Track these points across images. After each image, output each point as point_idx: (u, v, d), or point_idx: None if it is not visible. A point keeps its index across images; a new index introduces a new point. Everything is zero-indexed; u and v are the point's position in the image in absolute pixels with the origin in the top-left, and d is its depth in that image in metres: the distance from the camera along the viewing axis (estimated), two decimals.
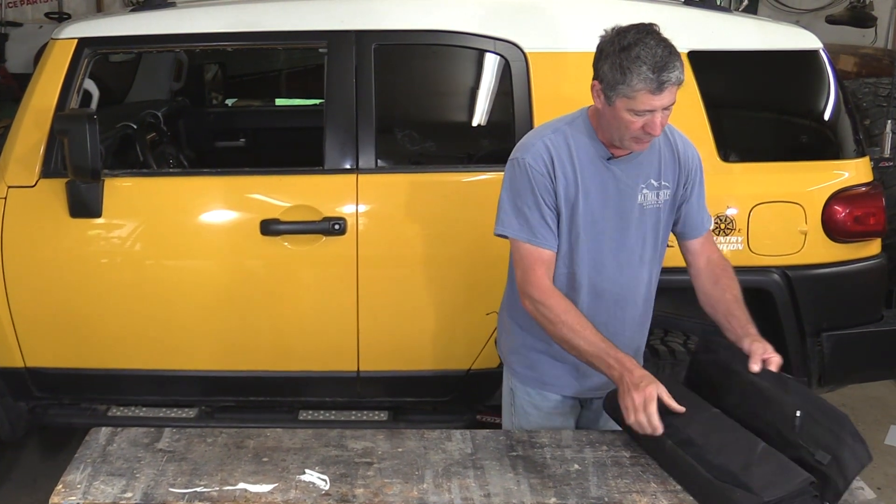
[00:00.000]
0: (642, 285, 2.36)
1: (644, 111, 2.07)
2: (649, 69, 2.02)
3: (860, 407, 4.39)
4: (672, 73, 2.03)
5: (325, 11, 3.11)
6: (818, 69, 3.18)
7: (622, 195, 2.26)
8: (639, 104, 2.06)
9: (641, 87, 2.04)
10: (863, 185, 3.09)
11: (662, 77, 2.02)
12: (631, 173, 2.26)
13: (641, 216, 2.29)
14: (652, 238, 2.33)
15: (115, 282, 3.06)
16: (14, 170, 3.04)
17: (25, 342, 3.11)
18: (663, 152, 2.30)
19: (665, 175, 2.30)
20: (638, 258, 2.32)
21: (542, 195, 2.21)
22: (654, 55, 2.03)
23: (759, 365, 2.09)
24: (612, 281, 2.31)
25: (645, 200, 2.28)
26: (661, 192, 2.30)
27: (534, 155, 2.22)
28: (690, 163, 2.34)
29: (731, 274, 2.36)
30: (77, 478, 1.99)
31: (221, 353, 3.15)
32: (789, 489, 1.81)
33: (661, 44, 2.05)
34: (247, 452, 2.11)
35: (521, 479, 2.00)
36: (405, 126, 3.28)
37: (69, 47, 3.07)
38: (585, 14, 3.14)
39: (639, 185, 2.26)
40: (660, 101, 2.06)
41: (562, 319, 2.17)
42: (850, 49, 7.09)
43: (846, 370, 3.23)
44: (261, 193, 3.05)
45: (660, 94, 2.05)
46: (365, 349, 3.11)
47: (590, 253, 2.27)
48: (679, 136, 2.36)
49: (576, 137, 2.24)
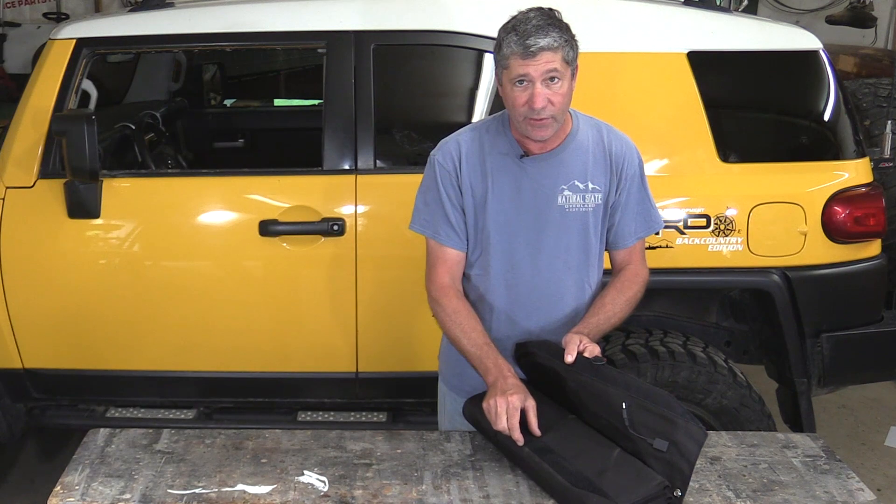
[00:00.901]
0: (568, 289, 2.27)
1: (519, 78, 2.05)
2: (517, 35, 2.04)
3: (860, 408, 4.39)
4: (541, 38, 2.02)
5: (324, 12, 3.11)
6: (818, 70, 3.17)
7: (537, 196, 2.20)
8: (512, 71, 2.06)
9: (510, 53, 2.05)
10: (863, 186, 3.09)
11: (528, 42, 2.02)
12: (549, 173, 2.19)
13: (563, 219, 2.21)
14: (580, 243, 2.24)
15: (113, 283, 3.05)
16: (12, 170, 3.03)
17: (24, 343, 3.10)
18: (594, 153, 2.22)
19: (594, 177, 2.21)
20: (562, 263, 2.24)
21: (447, 193, 2.22)
22: (526, 23, 2.04)
23: (573, 356, 2.02)
24: (528, 284, 2.25)
25: (567, 203, 2.20)
26: (589, 196, 2.21)
27: (444, 153, 2.24)
28: (624, 165, 2.24)
29: (630, 282, 2.27)
30: (75, 479, 1.99)
31: (220, 354, 3.15)
32: (644, 494, 1.82)
33: (540, 15, 2.05)
34: (245, 454, 2.10)
35: (520, 480, 2.00)
36: (404, 127, 3.28)
37: (67, 48, 3.06)
38: (585, 14, 3.12)
39: (559, 186, 2.19)
40: (533, 69, 2.03)
41: (452, 319, 2.20)
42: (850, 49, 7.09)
43: (846, 371, 3.22)
44: (259, 194, 3.05)
45: (531, 60, 2.02)
46: (364, 350, 3.11)
47: (504, 254, 2.23)
48: (616, 137, 2.26)
49: (492, 136, 2.23)
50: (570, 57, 2.07)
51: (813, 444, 2.20)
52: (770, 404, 3.15)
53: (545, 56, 2.03)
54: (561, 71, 2.06)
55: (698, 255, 3.01)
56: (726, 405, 3.02)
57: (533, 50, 2.02)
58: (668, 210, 3.00)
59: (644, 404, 1.92)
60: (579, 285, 2.28)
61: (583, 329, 2.15)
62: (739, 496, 1.96)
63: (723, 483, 2.01)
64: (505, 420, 1.98)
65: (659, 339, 3.10)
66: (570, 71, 2.09)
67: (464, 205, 2.23)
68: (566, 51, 2.06)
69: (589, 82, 3.05)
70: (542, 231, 2.21)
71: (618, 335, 3.09)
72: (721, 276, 3.07)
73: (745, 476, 2.04)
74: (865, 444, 4.08)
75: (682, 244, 2.99)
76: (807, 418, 3.13)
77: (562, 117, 2.13)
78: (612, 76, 3.07)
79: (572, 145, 2.20)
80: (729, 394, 3.01)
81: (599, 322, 2.20)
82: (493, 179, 2.20)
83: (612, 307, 2.24)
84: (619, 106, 3.05)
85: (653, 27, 3.15)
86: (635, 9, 3.18)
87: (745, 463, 2.10)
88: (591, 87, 3.01)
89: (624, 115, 3.06)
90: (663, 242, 2.99)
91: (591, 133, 2.24)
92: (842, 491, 1.99)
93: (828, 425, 4.13)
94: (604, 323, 2.21)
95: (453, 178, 2.22)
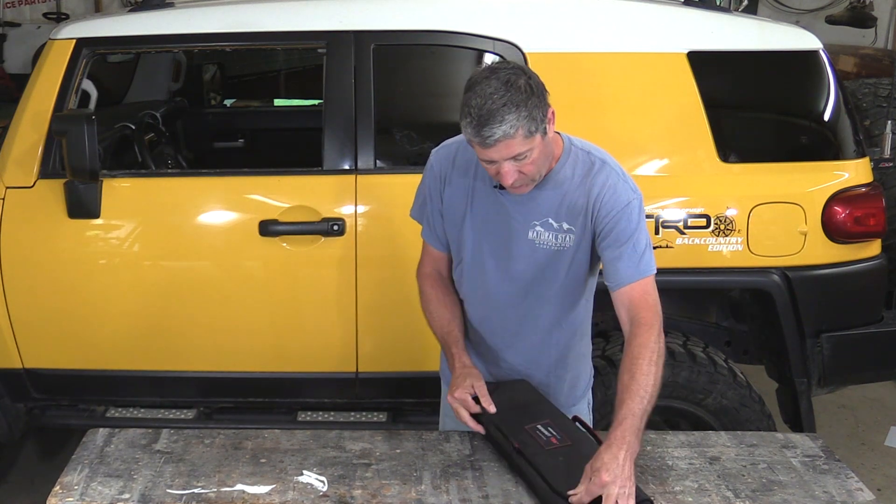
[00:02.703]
0: (542, 321, 2.22)
1: (484, 159, 1.95)
2: (472, 121, 1.88)
3: (860, 408, 4.39)
4: (496, 127, 1.85)
5: (324, 12, 3.11)
6: (818, 69, 3.17)
7: (509, 227, 2.14)
8: (478, 153, 1.96)
9: (469, 137, 1.92)
10: (863, 186, 3.09)
11: (484, 132, 1.86)
12: (521, 208, 2.12)
13: (533, 253, 2.14)
14: (554, 277, 2.16)
15: (113, 283, 3.05)
16: (12, 170, 3.03)
17: (23, 343, 3.10)
18: (573, 193, 2.09)
19: (569, 218, 2.10)
20: (535, 295, 2.18)
21: (430, 194, 2.25)
22: (481, 105, 1.86)
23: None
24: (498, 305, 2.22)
25: (538, 238, 2.12)
26: (562, 236, 2.11)
27: (440, 157, 2.23)
28: (602, 210, 2.07)
29: (636, 358, 1.97)
30: (74, 479, 1.99)
31: (220, 354, 3.15)
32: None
33: (501, 90, 1.86)
34: (245, 453, 2.10)
35: (519, 480, 2.00)
36: (404, 126, 3.28)
37: (67, 48, 3.06)
38: (585, 15, 3.13)
39: (530, 221, 2.12)
40: (496, 154, 1.90)
41: (424, 304, 2.31)
42: (850, 49, 7.09)
43: (846, 371, 3.22)
44: (259, 194, 3.05)
45: (491, 149, 1.90)
46: (363, 350, 3.11)
47: (476, 271, 2.21)
48: (602, 178, 2.08)
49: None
50: (534, 128, 1.90)
51: (812, 444, 2.20)
52: (770, 404, 3.15)
53: (502, 144, 1.89)
54: (524, 149, 1.92)
55: (698, 255, 3.01)
56: (726, 405, 3.02)
57: (489, 142, 1.88)
58: (668, 210, 3.00)
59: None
60: (555, 320, 2.23)
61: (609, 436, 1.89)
62: (738, 496, 1.96)
63: (722, 483, 2.01)
64: (454, 399, 2.11)
65: None
66: (538, 138, 1.93)
67: (443, 211, 2.24)
68: (527, 128, 1.89)
69: (589, 82, 3.07)
70: (511, 260, 2.18)
71: (618, 335, 3.09)
72: (721, 276, 3.07)
73: (744, 476, 2.04)
74: (865, 444, 4.08)
75: (682, 244, 2.99)
76: (807, 418, 3.13)
77: (540, 174, 2.04)
78: (612, 76, 3.07)
79: (551, 183, 2.10)
80: (729, 394, 3.02)
81: (634, 410, 1.91)
82: (473, 200, 2.17)
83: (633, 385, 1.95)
84: (618, 106, 3.05)
85: (653, 27, 3.15)
86: (635, 9, 3.18)
87: (745, 463, 2.10)
88: (591, 88, 3.02)
89: (624, 115, 3.07)
90: (663, 242, 2.98)
91: (578, 169, 2.11)
92: (841, 491, 1.99)
93: (828, 425, 4.13)
94: (638, 408, 1.92)
95: (439, 184, 2.22)
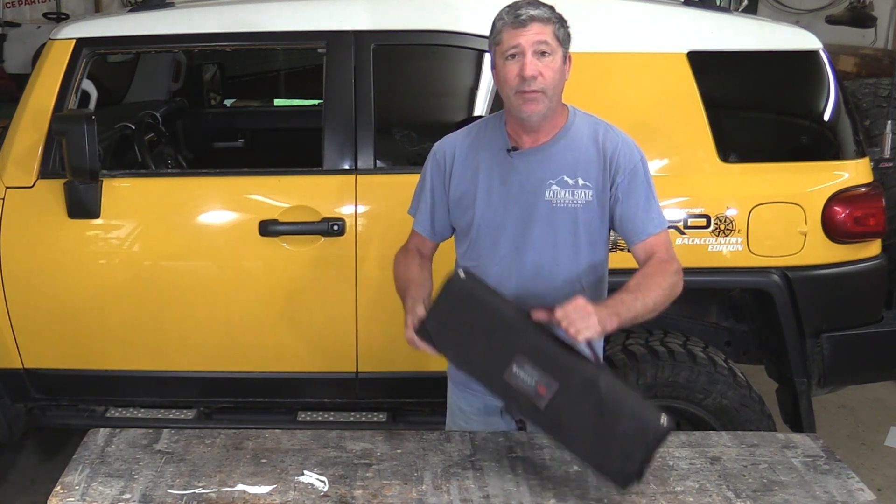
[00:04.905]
0: (556, 287, 2.20)
1: (511, 50, 2.08)
2: (507, 9, 2.12)
3: (860, 408, 4.39)
4: (532, 9, 2.09)
5: (324, 12, 3.11)
6: (818, 69, 3.17)
7: (524, 190, 2.19)
8: (505, 45, 2.10)
9: (501, 26, 2.11)
10: (863, 186, 3.09)
11: (520, 11, 2.08)
12: (536, 167, 2.18)
13: (551, 214, 2.18)
14: (568, 239, 2.20)
15: (113, 283, 3.05)
16: (12, 170, 3.03)
17: (23, 343, 3.10)
18: (586, 150, 2.19)
19: (585, 174, 2.17)
20: (549, 259, 2.21)
21: (432, 184, 2.32)
22: (519, 2, 2.13)
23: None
24: (514, 278, 2.22)
25: (555, 198, 2.17)
26: (579, 192, 2.17)
27: (441, 148, 2.32)
28: (620, 164, 2.18)
29: (654, 269, 2.14)
30: (75, 479, 1.99)
31: (220, 354, 3.15)
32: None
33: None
34: (245, 454, 2.10)
35: (520, 480, 2.00)
36: (404, 126, 3.28)
37: (67, 48, 3.06)
38: (585, 15, 3.12)
39: (546, 181, 2.17)
40: (524, 38, 2.07)
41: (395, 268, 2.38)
42: (850, 49, 7.10)
43: (846, 371, 3.22)
44: (259, 194, 3.05)
45: (522, 30, 2.07)
46: (364, 350, 3.11)
47: (490, 248, 2.24)
48: (612, 136, 2.21)
49: (489, 130, 2.27)
50: (561, 35, 2.11)
51: (813, 444, 2.20)
52: (770, 404, 3.15)
53: (535, 27, 2.07)
54: (552, 45, 2.09)
55: (698, 255, 3.01)
56: (726, 405, 3.02)
57: (524, 19, 2.07)
58: (669, 210, 2.99)
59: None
60: (569, 283, 2.23)
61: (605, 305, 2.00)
62: (739, 496, 1.96)
63: (723, 483, 2.01)
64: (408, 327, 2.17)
65: (659, 339, 3.10)
66: (561, 52, 2.11)
67: (448, 201, 2.29)
68: (557, 27, 2.10)
69: (589, 82, 3.07)
70: (528, 226, 2.20)
71: (618, 335, 3.09)
72: (721, 276, 3.07)
73: (745, 476, 2.04)
74: (865, 444, 4.08)
75: (682, 244, 2.99)
76: (807, 418, 3.13)
77: (553, 97, 2.13)
78: (612, 76, 3.07)
79: (563, 140, 2.20)
80: (729, 394, 3.02)
81: (624, 299, 2.03)
82: (483, 173, 2.23)
83: (638, 287, 2.08)
84: (618, 106, 3.04)
85: (653, 27, 3.15)
86: (635, 9, 3.18)
87: (745, 463, 2.10)
88: (591, 87, 3.01)
89: (624, 115, 3.05)
90: None
91: (586, 130, 2.22)
92: (842, 491, 1.99)
93: (828, 425, 4.12)
94: (630, 299, 2.04)
95: (443, 173, 2.29)
